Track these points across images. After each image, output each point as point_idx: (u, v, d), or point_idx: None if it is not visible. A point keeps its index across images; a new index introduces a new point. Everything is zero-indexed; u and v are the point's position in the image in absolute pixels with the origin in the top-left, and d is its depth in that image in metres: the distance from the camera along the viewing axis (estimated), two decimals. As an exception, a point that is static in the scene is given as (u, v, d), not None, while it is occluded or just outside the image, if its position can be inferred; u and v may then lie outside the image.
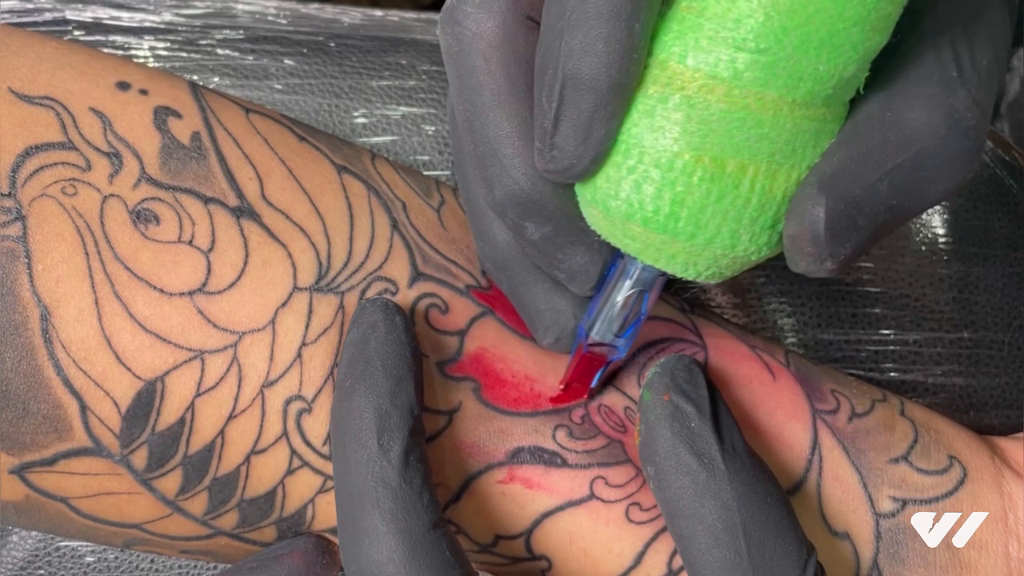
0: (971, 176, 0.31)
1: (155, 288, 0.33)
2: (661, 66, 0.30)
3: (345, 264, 0.35)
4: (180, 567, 0.47)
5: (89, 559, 0.47)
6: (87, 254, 0.33)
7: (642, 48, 0.30)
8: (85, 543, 0.47)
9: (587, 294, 0.35)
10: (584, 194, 0.32)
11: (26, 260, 0.33)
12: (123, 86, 0.35)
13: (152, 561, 0.47)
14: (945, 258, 0.46)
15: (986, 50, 0.31)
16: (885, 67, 0.31)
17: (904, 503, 0.37)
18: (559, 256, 0.34)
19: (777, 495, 0.33)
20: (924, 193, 0.30)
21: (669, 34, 0.30)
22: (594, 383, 0.36)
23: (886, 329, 0.46)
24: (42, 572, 0.47)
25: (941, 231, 0.47)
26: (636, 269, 0.34)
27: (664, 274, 0.33)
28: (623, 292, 0.34)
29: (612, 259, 0.34)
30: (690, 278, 0.33)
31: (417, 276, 0.36)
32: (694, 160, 0.30)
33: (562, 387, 0.37)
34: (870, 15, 0.28)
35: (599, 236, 0.33)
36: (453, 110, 0.35)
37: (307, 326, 0.34)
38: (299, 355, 0.34)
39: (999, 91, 0.31)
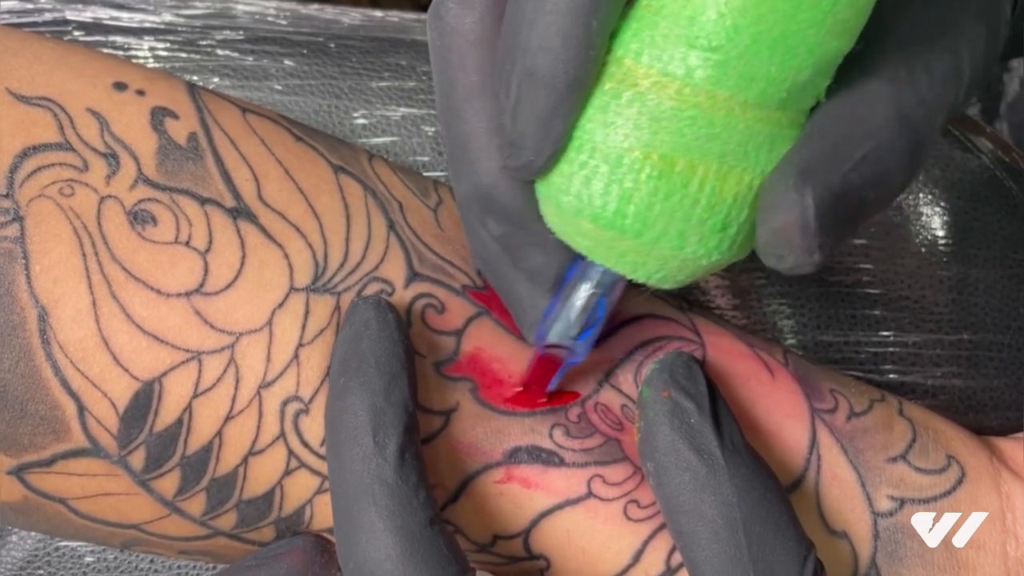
0: (915, 174, 0.31)
1: (152, 289, 0.33)
2: (618, 63, 0.30)
3: (341, 265, 0.35)
4: (179, 567, 0.47)
5: (88, 559, 0.47)
6: (84, 255, 0.33)
7: (600, 45, 0.30)
8: (84, 543, 0.47)
9: (547, 295, 0.35)
10: (541, 191, 0.33)
11: (24, 261, 0.33)
12: (120, 87, 0.36)
13: (152, 561, 0.47)
14: (945, 260, 0.46)
15: (943, 58, 0.31)
16: (847, 73, 0.31)
17: (902, 502, 0.37)
18: (518, 255, 0.34)
19: (776, 491, 0.33)
20: (887, 186, 0.31)
21: (627, 31, 0.30)
22: (552, 385, 0.36)
23: (886, 331, 0.46)
24: (41, 572, 0.47)
25: (940, 233, 0.47)
26: (596, 272, 0.33)
27: (623, 278, 0.33)
28: (582, 294, 0.34)
29: (572, 261, 0.34)
30: (640, 280, 0.32)
31: (413, 276, 0.36)
32: (643, 157, 0.30)
33: (519, 389, 0.36)
34: (825, 19, 0.28)
35: (557, 237, 0.33)
36: None
37: (303, 327, 0.34)
38: (296, 356, 0.34)
39: (958, 100, 0.32)
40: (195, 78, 0.48)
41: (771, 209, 0.30)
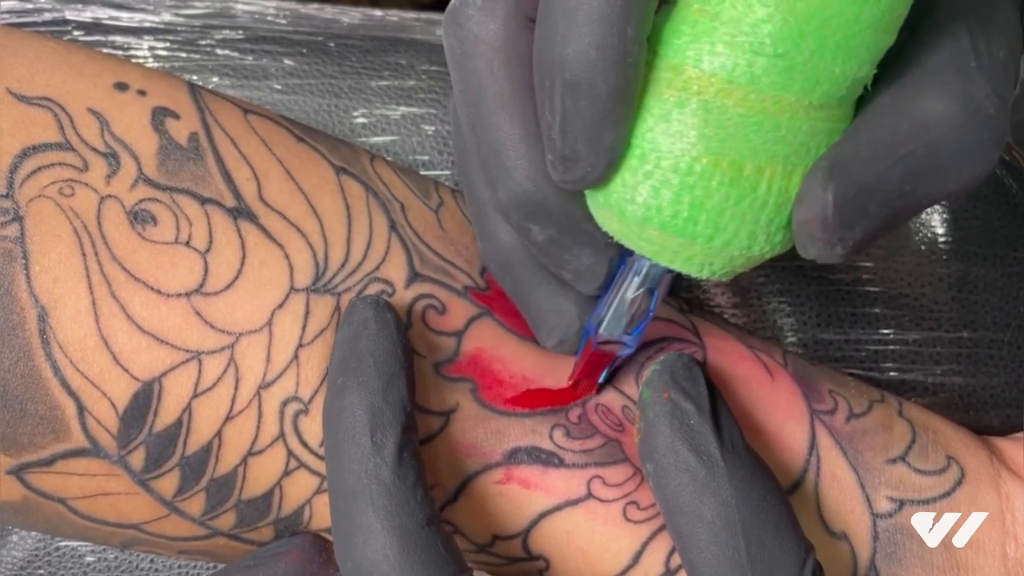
0: (992, 167, 0.30)
1: (152, 289, 0.33)
2: (675, 70, 0.30)
3: (342, 265, 0.35)
4: (180, 567, 0.47)
5: (89, 559, 0.47)
6: (84, 255, 0.33)
7: (638, 52, 0.29)
8: (85, 543, 0.47)
9: (594, 293, 0.35)
10: (596, 198, 0.32)
11: (23, 261, 0.33)
12: (121, 87, 0.35)
13: (152, 561, 0.47)
14: (945, 258, 0.46)
15: (1001, 43, 0.30)
16: (896, 60, 0.31)
17: (902, 503, 0.37)
18: (565, 257, 0.34)
19: (776, 493, 0.33)
20: (940, 181, 0.30)
21: (682, 37, 0.30)
22: (602, 379, 0.37)
23: (886, 329, 0.46)
24: (42, 572, 0.47)
25: (940, 230, 0.47)
26: (645, 267, 0.34)
27: (671, 270, 0.33)
28: (633, 289, 0.34)
29: (619, 257, 0.34)
30: (704, 277, 0.33)
31: (414, 277, 0.36)
32: (712, 164, 0.30)
33: (571, 383, 0.37)
34: (884, 17, 0.28)
35: (605, 235, 0.33)
36: (455, 111, 0.35)
37: (304, 327, 0.34)
38: (296, 356, 0.34)
39: (1015, 88, 0.31)
40: (195, 78, 0.48)
41: (799, 202, 0.30)
